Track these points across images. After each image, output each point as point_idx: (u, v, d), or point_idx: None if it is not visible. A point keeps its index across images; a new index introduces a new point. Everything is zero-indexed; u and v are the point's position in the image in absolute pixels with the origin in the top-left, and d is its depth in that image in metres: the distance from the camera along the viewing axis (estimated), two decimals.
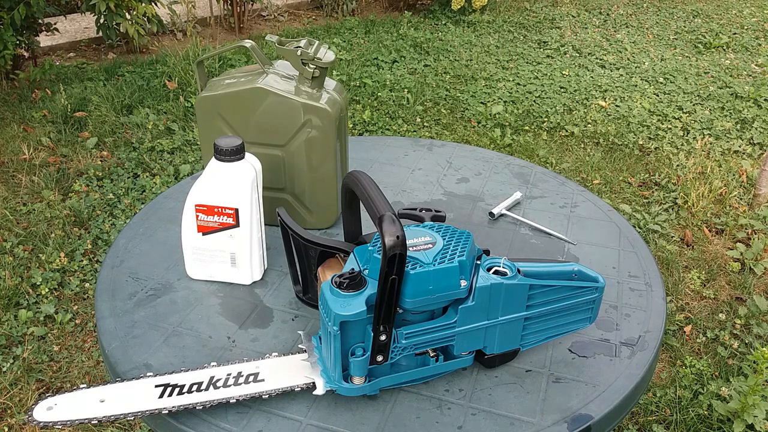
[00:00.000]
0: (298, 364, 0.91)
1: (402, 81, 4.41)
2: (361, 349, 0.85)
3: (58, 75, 4.29)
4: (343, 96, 1.26)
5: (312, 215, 1.27)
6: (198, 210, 1.07)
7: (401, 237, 0.77)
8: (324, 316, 0.84)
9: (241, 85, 1.20)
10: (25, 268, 2.56)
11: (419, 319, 0.87)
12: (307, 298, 1.04)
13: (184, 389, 0.86)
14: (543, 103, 4.20)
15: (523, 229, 1.30)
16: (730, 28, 5.80)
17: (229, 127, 1.22)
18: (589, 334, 1.03)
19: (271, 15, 5.76)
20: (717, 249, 2.86)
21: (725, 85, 4.54)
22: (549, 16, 6.03)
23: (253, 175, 1.08)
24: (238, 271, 1.11)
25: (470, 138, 3.75)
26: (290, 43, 1.21)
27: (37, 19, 4.09)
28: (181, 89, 4.07)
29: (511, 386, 0.93)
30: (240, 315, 1.06)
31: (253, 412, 0.88)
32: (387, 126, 3.84)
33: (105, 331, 1.02)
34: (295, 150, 1.21)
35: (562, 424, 0.87)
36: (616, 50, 5.18)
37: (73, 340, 2.28)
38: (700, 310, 2.51)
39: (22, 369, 2.12)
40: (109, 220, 2.85)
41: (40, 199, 3.01)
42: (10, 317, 2.33)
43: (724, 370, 2.21)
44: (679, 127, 3.95)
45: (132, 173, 3.22)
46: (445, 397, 0.91)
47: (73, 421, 0.83)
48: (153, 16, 4.34)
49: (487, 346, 0.92)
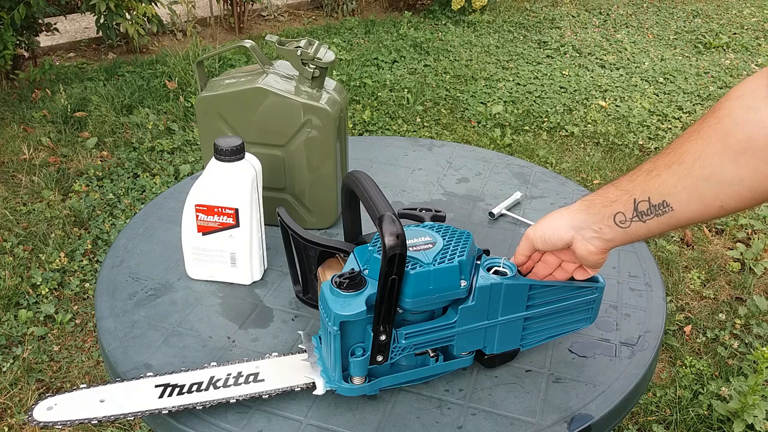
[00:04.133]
0: (298, 364, 0.92)
1: (402, 81, 4.41)
2: (361, 349, 0.85)
3: (58, 75, 4.29)
4: (343, 96, 1.26)
5: (312, 215, 1.28)
6: (198, 210, 1.07)
7: (401, 237, 0.77)
8: (324, 316, 0.84)
9: (241, 85, 1.20)
10: (25, 268, 2.56)
11: (419, 319, 0.87)
12: (307, 298, 1.04)
13: (184, 389, 0.86)
14: (543, 103, 4.20)
15: (523, 229, 1.30)
16: (730, 28, 5.80)
17: (229, 127, 1.22)
18: (589, 334, 1.03)
19: (271, 15, 5.76)
20: (717, 249, 2.86)
21: (725, 85, 4.54)
22: (549, 16, 6.03)
23: (253, 175, 1.08)
24: (238, 271, 1.11)
25: (470, 138, 3.75)
26: (290, 43, 1.22)
27: (37, 19, 4.09)
28: (181, 89, 4.07)
29: (511, 386, 0.93)
30: (240, 315, 1.06)
31: (253, 412, 0.88)
32: (387, 126, 3.84)
33: (105, 331, 1.02)
34: (295, 150, 1.21)
35: (562, 424, 0.87)
36: (616, 50, 5.18)
37: (73, 340, 2.28)
38: (700, 310, 2.51)
39: (22, 369, 2.12)
40: (109, 220, 2.85)
41: (40, 199, 3.01)
42: (10, 317, 2.33)
43: (724, 370, 2.21)
44: (679, 127, 3.95)
45: (132, 173, 3.22)
46: (445, 397, 0.91)
47: (73, 421, 0.83)
48: (153, 16, 4.34)
49: (487, 346, 0.92)
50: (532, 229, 0.90)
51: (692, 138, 0.75)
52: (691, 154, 0.74)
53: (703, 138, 0.73)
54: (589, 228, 0.84)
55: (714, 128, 0.73)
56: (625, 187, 0.81)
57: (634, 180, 0.80)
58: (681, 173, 0.75)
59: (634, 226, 0.80)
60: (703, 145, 0.73)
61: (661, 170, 0.77)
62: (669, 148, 0.78)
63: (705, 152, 0.73)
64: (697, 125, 0.75)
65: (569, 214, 0.86)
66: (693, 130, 0.76)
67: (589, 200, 0.85)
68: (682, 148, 0.75)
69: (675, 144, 0.77)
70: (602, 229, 0.83)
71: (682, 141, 0.76)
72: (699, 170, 0.74)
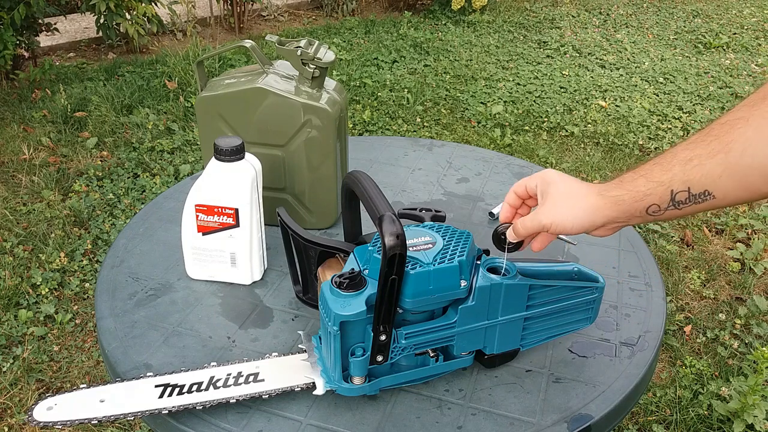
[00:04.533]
0: (298, 364, 0.92)
1: (402, 81, 4.41)
2: (361, 349, 0.85)
3: (58, 75, 4.29)
4: (343, 96, 1.26)
5: (312, 215, 1.27)
6: (198, 210, 1.07)
7: (401, 237, 0.77)
8: (324, 316, 0.84)
9: (241, 85, 1.20)
10: (25, 268, 2.56)
11: (419, 319, 0.87)
12: (307, 298, 1.04)
13: (184, 389, 0.86)
14: (543, 103, 4.20)
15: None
16: (730, 28, 5.80)
17: (229, 127, 1.22)
18: (589, 334, 1.03)
19: (271, 15, 5.76)
20: (717, 249, 2.86)
21: (725, 85, 4.54)
22: (549, 16, 6.03)
23: (253, 175, 1.08)
24: (238, 271, 1.11)
25: (470, 138, 3.75)
26: (290, 43, 1.21)
27: (37, 19, 4.09)
28: (181, 89, 4.07)
29: (511, 386, 0.93)
30: (240, 315, 1.06)
31: (253, 412, 0.88)
32: (387, 126, 3.84)
33: (105, 331, 1.02)
34: (295, 150, 1.21)
35: (562, 424, 0.87)
36: (616, 50, 5.18)
37: (73, 340, 2.28)
38: (700, 310, 2.51)
39: (22, 369, 2.12)
40: (109, 220, 2.85)
41: (40, 199, 3.01)
42: (10, 317, 2.33)
43: (724, 370, 2.21)
44: (679, 127, 3.95)
45: (132, 173, 3.22)
46: (445, 397, 0.91)
47: (73, 421, 0.83)
48: (153, 16, 4.34)
49: (487, 346, 0.92)
50: (545, 215, 0.87)
51: (739, 126, 0.72)
52: (739, 143, 0.72)
53: (753, 127, 0.71)
54: (617, 222, 0.84)
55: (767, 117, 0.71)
56: (659, 178, 0.78)
57: (670, 170, 0.78)
58: (728, 163, 0.73)
59: (668, 213, 0.79)
60: (754, 134, 0.71)
61: (704, 160, 0.74)
62: (710, 134, 0.75)
63: (755, 141, 0.71)
64: (745, 112, 0.73)
65: (593, 210, 0.84)
66: (740, 118, 0.73)
67: (615, 196, 0.82)
68: (729, 137, 0.73)
69: (718, 131, 0.74)
70: (631, 220, 0.83)
71: (727, 129, 0.74)
72: (749, 160, 0.71)
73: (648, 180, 0.80)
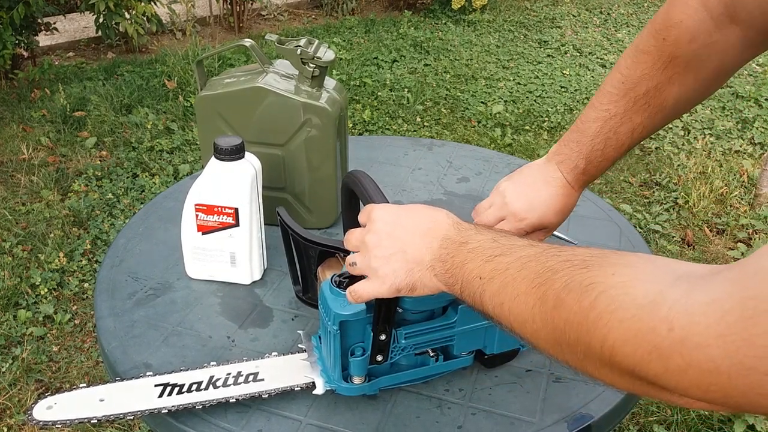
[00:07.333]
0: (297, 364, 0.91)
1: (402, 80, 4.41)
2: (360, 349, 0.85)
3: (57, 74, 4.28)
4: (343, 95, 1.26)
5: (312, 215, 1.27)
6: (198, 209, 1.07)
7: None
8: (324, 315, 0.84)
9: (240, 84, 1.20)
10: (24, 268, 2.56)
11: (419, 318, 0.87)
12: (307, 298, 1.03)
13: (184, 389, 0.86)
14: (544, 103, 4.20)
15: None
16: None
17: (228, 126, 1.21)
18: None
19: (271, 14, 5.76)
20: (718, 249, 2.86)
21: (726, 85, 4.54)
22: (549, 15, 6.03)
23: (253, 174, 1.07)
24: (237, 270, 1.11)
25: (470, 137, 3.75)
26: (290, 42, 1.21)
27: (36, 19, 4.09)
28: (180, 89, 4.07)
29: (511, 386, 0.93)
30: (240, 315, 1.06)
31: (253, 411, 0.88)
32: (387, 126, 3.84)
33: (104, 330, 1.02)
34: (295, 149, 1.21)
35: (562, 424, 0.87)
36: (617, 50, 5.18)
37: (73, 341, 2.28)
38: None
39: (21, 369, 2.12)
40: (108, 219, 2.85)
41: (39, 199, 3.00)
42: (9, 317, 2.33)
43: None
44: (679, 126, 3.95)
45: (131, 173, 3.21)
46: (445, 397, 0.91)
47: (73, 421, 0.82)
48: (152, 16, 4.33)
49: (487, 346, 0.92)
50: (517, 215, 1.01)
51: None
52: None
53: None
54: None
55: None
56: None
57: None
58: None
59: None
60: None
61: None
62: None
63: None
64: None
65: (563, 200, 1.00)
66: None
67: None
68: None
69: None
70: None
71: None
72: None
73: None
